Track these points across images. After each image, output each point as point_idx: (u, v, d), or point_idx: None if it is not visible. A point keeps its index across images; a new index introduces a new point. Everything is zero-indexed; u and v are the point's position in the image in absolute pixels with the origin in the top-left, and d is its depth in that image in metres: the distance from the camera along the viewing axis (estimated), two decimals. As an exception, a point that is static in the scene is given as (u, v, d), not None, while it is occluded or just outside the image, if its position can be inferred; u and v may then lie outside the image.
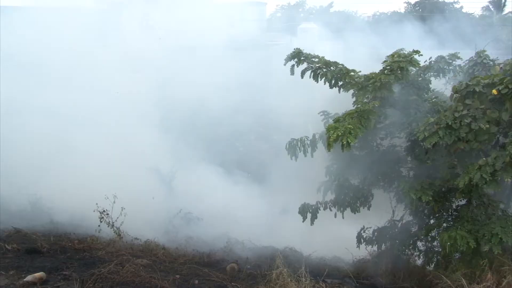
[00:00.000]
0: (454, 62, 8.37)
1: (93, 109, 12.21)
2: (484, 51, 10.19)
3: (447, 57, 8.40)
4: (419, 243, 8.56)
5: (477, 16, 40.04)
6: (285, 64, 9.57)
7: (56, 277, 6.00)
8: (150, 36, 14.66)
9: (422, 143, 7.51)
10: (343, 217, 8.93)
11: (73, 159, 11.06)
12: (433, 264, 8.30)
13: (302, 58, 9.37)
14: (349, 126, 7.60)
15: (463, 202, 7.85)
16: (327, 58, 9.29)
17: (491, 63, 9.93)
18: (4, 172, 9.72)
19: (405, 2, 43.77)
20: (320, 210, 9.12)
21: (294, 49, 9.55)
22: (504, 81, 6.71)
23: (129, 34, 14.49)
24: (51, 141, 11.23)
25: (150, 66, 14.42)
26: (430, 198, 7.39)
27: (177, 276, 6.71)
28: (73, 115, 12.09)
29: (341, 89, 9.06)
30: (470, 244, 6.87)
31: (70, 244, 8.23)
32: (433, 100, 8.72)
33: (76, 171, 10.76)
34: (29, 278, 5.69)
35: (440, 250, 7.90)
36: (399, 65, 8.38)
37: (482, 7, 41.50)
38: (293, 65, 9.49)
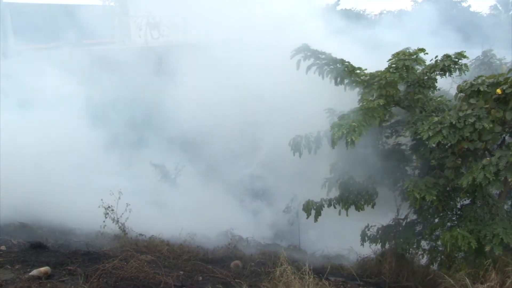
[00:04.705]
0: (460, 61, 8.32)
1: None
2: (491, 50, 10.17)
3: (453, 56, 8.35)
4: (423, 242, 8.54)
5: (485, 15, 39.77)
6: (291, 58, 9.53)
7: (61, 271, 6.03)
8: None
9: (426, 142, 7.49)
10: (347, 215, 8.93)
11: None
12: (437, 264, 8.29)
13: (308, 53, 9.34)
14: (353, 124, 7.61)
15: (468, 201, 7.84)
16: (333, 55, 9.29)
17: (498, 62, 9.89)
18: (10, 167, 9.77)
19: (412, 0, 43.48)
20: (324, 207, 9.12)
21: (302, 44, 9.52)
22: (509, 80, 6.67)
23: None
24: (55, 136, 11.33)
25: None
26: (434, 198, 7.37)
27: (181, 272, 6.73)
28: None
29: (347, 87, 9.06)
30: (471, 244, 6.86)
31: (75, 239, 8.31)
32: (438, 99, 8.70)
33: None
34: (34, 272, 5.72)
35: (444, 249, 7.89)
36: (404, 63, 8.38)
37: (490, 6, 41.17)
38: (299, 60, 9.47)
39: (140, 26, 19.77)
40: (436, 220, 8.22)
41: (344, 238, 10.25)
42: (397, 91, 8.46)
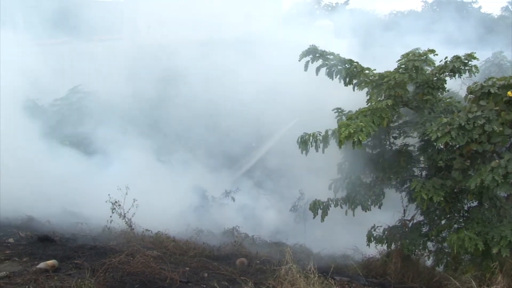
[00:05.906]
0: (470, 63, 8.27)
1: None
2: (502, 52, 10.10)
3: (463, 57, 8.31)
4: (429, 244, 8.51)
5: (496, 16, 39.49)
6: (299, 60, 9.56)
7: (68, 265, 6.07)
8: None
9: (434, 143, 7.47)
10: (353, 215, 8.92)
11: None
12: (442, 265, 8.26)
13: (317, 54, 9.36)
14: (361, 123, 7.59)
15: (475, 203, 7.80)
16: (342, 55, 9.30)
17: (509, 64, 9.81)
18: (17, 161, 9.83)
19: (422, 1, 43.22)
20: (331, 207, 9.11)
21: (310, 45, 9.54)
22: (520, 83, 6.65)
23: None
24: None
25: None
26: (442, 199, 7.33)
27: (186, 268, 6.74)
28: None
29: (356, 87, 9.05)
30: (478, 246, 6.82)
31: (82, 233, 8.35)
32: (448, 100, 8.66)
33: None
34: (41, 265, 5.76)
35: (450, 251, 7.86)
36: (414, 64, 8.35)
37: (501, 8, 40.89)
38: (307, 62, 9.49)
39: (149, 24, 19.83)
40: (443, 222, 8.19)
41: (350, 237, 10.24)
42: (406, 91, 8.44)
